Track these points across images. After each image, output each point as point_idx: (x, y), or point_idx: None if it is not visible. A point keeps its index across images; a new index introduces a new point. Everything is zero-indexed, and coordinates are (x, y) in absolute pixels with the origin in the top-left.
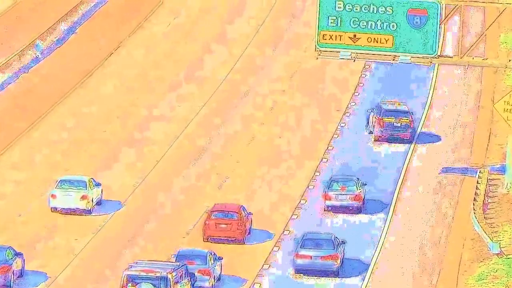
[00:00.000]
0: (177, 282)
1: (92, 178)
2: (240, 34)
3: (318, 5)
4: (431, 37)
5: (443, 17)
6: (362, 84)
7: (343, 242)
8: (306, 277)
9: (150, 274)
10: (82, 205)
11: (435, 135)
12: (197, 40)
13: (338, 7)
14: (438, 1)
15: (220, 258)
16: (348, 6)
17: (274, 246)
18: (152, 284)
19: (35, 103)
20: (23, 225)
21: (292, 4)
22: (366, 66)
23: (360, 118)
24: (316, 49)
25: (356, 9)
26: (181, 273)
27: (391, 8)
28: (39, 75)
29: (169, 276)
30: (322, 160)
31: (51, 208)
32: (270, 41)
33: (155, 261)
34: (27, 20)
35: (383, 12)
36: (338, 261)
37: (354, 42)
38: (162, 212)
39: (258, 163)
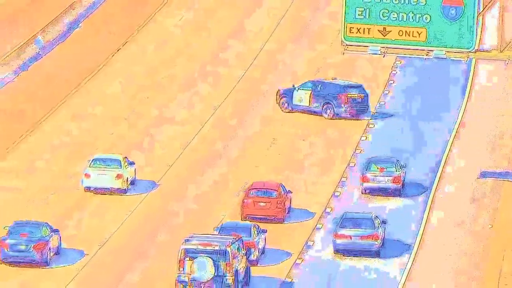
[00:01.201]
0: (234, 256)
1: (125, 157)
2: (259, 28)
3: None
4: (468, 30)
5: (481, 8)
6: (392, 82)
7: (384, 222)
8: (346, 257)
9: (208, 247)
10: (117, 184)
11: (473, 136)
12: (212, 34)
13: None
14: None
15: (264, 231)
16: None
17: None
18: (210, 257)
19: (35, 103)
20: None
21: None
22: (397, 62)
23: (392, 119)
24: (343, 44)
25: None
26: (237, 246)
27: None
28: (39, 73)
29: (228, 249)
30: (349, 164)
31: (85, 187)
32: (292, 34)
33: (210, 234)
34: (26, 13)
35: (415, 2)
36: (379, 241)
37: (384, 36)
38: (176, 221)
39: (279, 168)
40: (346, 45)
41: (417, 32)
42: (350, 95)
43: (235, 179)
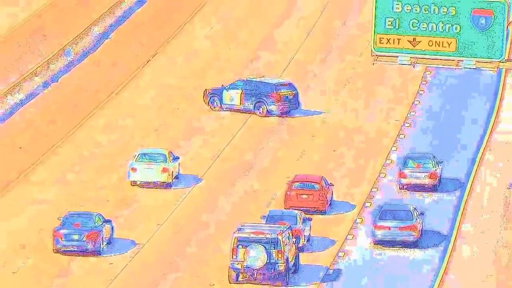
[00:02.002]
0: (285, 244)
1: (170, 151)
2: (289, 38)
3: (374, 6)
4: (498, 40)
5: (511, 18)
6: (422, 92)
7: (422, 214)
8: (386, 248)
9: (260, 236)
10: (163, 178)
11: (505, 148)
12: (242, 45)
13: (396, 8)
14: (505, 0)
15: (309, 219)
16: (407, 6)
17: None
18: (263, 245)
19: (66, 115)
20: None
21: (346, 4)
22: (427, 72)
23: (420, 131)
24: (372, 54)
25: (416, 9)
26: (288, 234)
27: (454, 8)
28: (69, 85)
29: (280, 237)
30: (379, 175)
31: (131, 181)
32: (321, 45)
33: (260, 223)
34: (56, 24)
35: (445, 13)
36: (417, 232)
37: (414, 46)
38: (206, 232)
39: None
40: (376, 55)
41: (447, 42)
42: (282, 93)
43: (265, 190)
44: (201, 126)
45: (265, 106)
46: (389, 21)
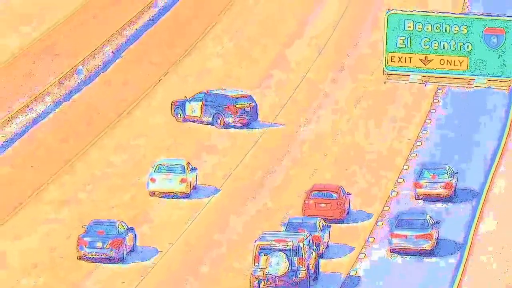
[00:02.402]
0: (306, 251)
1: (188, 162)
2: (300, 57)
3: (386, 24)
4: (510, 58)
5: None
6: (434, 111)
7: (438, 222)
8: (402, 256)
9: (282, 243)
10: (181, 188)
11: None
12: (253, 64)
13: (408, 27)
14: None
15: (328, 226)
16: (419, 25)
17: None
18: (284, 253)
19: (77, 134)
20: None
21: (357, 23)
22: (438, 91)
23: (431, 149)
24: (384, 73)
25: (428, 28)
26: (309, 242)
27: (466, 27)
28: (81, 104)
29: (301, 244)
30: (391, 194)
31: (150, 192)
32: (333, 64)
33: (281, 231)
34: (68, 43)
35: (457, 31)
36: (433, 240)
37: (425, 65)
38: (218, 251)
39: None
40: (388, 74)
41: (459, 61)
42: (238, 106)
43: (278, 209)
44: (213, 145)
45: (222, 118)
46: (400, 39)
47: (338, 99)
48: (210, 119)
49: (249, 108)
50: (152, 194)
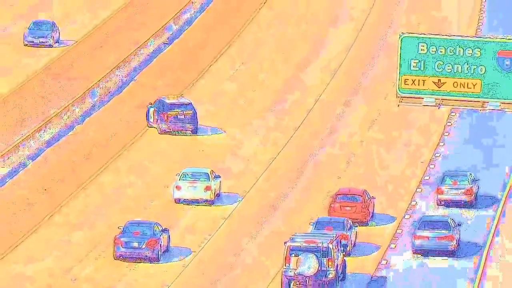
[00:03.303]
0: (335, 252)
1: (212, 170)
2: (313, 80)
3: (399, 47)
4: None
5: None
6: (448, 133)
7: (459, 224)
8: (425, 257)
9: (312, 244)
10: (206, 196)
11: None
12: (267, 87)
13: (421, 50)
14: None
15: (355, 226)
16: (432, 48)
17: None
18: (314, 254)
19: (91, 157)
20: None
21: (371, 46)
22: (452, 113)
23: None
24: (398, 95)
25: (441, 51)
26: (337, 243)
27: (479, 50)
28: (94, 127)
29: (330, 245)
30: (404, 216)
31: (175, 199)
32: (346, 87)
33: (311, 233)
34: (82, 66)
35: (470, 54)
36: (454, 242)
37: (439, 87)
38: (233, 274)
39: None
40: (401, 97)
41: (472, 83)
42: (171, 113)
43: (291, 231)
44: (227, 167)
45: (159, 125)
46: (414, 62)
47: (351, 122)
48: (156, 125)
49: (182, 115)
50: (178, 201)
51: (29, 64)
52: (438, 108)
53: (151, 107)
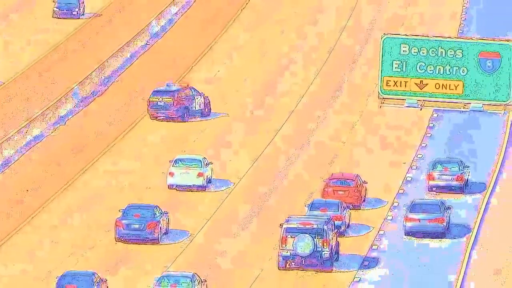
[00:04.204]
0: (329, 233)
1: (204, 157)
2: (295, 82)
3: (381, 49)
4: (505, 82)
5: None
6: (429, 135)
7: (449, 208)
8: (415, 238)
9: (307, 226)
10: (198, 182)
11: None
12: (245, 92)
13: (403, 51)
14: None
15: (348, 207)
16: (414, 49)
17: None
18: (309, 234)
19: (72, 158)
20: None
21: (352, 47)
22: (434, 115)
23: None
24: (379, 97)
25: (423, 52)
26: (331, 225)
27: (461, 51)
28: (76, 127)
29: (325, 227)
30: (377, 236)
31: (168, 185)
32: (328, 88)
33: (306, 215)
34: (64, 67)
35: (452, 56)
36: (445, 224)
37: (421, 89)
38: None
39: None
40: (383, 98)
41: (454, 85)
42: (152, 99)
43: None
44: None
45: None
46: (396, 63)
47: (333, 124)
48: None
49: (162, 102)
50: (171, 187)
51: (8, 64)
52: (420, 109)
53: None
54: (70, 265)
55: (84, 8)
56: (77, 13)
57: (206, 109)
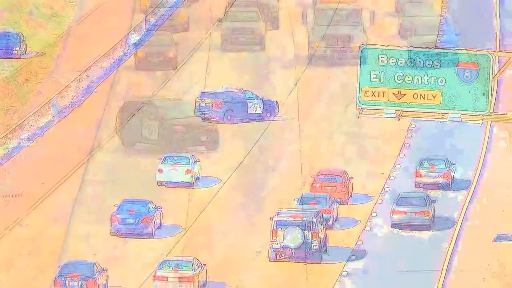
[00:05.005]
0: (318, 226)
1: (192, 155)
2: (271, 93)
3: (359, 59)
4: (483, 92)
5: (496, 70)
6: (408, 145)
7: (434, 201)
8: (401, 230)
9: (297, 219)
10: (187, 178)
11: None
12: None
13: (381, 61)
14: (490, 53)
15: (337, 201)
16: (392, 59)
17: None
18: (299, 227)
19: (49, 169)
20: None
21: (331, 58)
22: (412, 125)
23: (406, 181)
24: (358, 107)
25: (401, 62)
26: (320, 218)
27: (439, 61)
28: (54, 139)
29: (314, 220)
30: (364, 229)
31: (157, 182)
32: (307, 98)
33: (295, 208)
34: (41, 77)
35: (430, 66)
36: (430, 217)
37: (399, 99)
38: None
39: None
40: (361, 108)
41: (432, 95)
42: (196, 101)
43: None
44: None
45: None
46: (374, 74)
47: (310, 133)
48: None
49: (204, 104)
50: (160, 184)
51: None
52: (399, 119)
53: None
54: None
55: (25, 47)
56: (17, 53)
57: (269, 114)
